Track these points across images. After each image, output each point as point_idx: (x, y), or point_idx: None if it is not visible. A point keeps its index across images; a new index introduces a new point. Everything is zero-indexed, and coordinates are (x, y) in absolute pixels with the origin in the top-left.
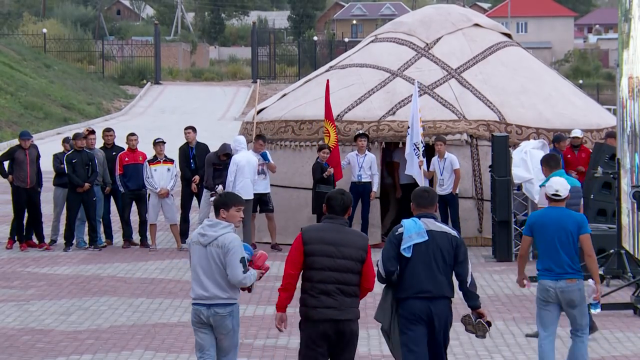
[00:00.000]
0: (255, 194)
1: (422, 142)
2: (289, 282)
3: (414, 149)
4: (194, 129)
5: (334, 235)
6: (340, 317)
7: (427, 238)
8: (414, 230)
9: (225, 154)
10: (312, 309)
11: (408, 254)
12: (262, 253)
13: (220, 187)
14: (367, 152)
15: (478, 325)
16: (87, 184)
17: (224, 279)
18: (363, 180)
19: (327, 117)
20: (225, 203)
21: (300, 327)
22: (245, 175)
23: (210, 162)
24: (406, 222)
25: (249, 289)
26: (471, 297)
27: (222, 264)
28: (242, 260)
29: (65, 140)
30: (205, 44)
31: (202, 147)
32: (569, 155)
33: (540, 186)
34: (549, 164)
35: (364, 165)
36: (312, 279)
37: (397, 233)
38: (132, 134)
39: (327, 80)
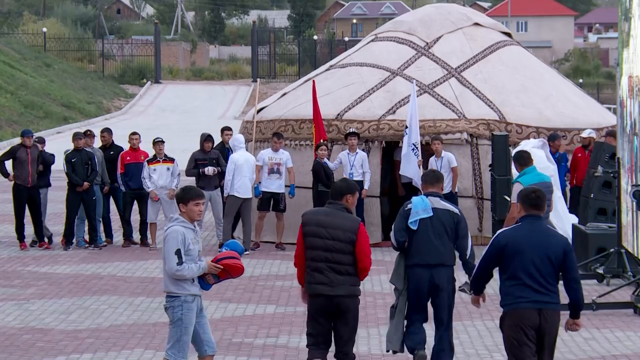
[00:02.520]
0: (266, 193)
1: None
2: (296, 261)
3: (413, 149)
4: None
5: (326, 218)
6: (331, 293)
7: (432, 214)
8: (421, 206)
9: (208, 139)
10: (308, 285)
11: (414, 227)
12: (231, 253)
13: (210, 168)
14: (358, 150)
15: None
16: (86, 183)
17: (166, 272)
18: (355, 178)
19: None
20: (182, 198)
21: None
22: (243, 174)
23: (194, 159)
24: (415, 199)
25: (209, 280)
26: (468, 267)
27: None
28: (177, 252)
29: (39, 142)
30: (205, 43)
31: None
32: (579, 155)
33: (512, 182)
34: (519, 162)
35: (355, 164)
36: (308, 257)
37: (406, 208)
38: (134, 133)
39: (313, 81)
